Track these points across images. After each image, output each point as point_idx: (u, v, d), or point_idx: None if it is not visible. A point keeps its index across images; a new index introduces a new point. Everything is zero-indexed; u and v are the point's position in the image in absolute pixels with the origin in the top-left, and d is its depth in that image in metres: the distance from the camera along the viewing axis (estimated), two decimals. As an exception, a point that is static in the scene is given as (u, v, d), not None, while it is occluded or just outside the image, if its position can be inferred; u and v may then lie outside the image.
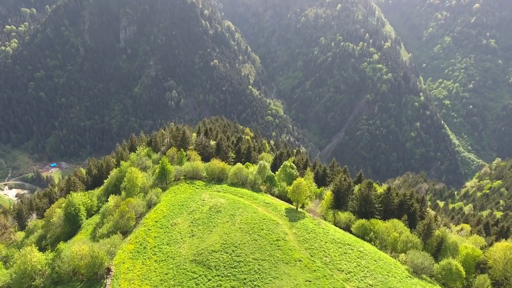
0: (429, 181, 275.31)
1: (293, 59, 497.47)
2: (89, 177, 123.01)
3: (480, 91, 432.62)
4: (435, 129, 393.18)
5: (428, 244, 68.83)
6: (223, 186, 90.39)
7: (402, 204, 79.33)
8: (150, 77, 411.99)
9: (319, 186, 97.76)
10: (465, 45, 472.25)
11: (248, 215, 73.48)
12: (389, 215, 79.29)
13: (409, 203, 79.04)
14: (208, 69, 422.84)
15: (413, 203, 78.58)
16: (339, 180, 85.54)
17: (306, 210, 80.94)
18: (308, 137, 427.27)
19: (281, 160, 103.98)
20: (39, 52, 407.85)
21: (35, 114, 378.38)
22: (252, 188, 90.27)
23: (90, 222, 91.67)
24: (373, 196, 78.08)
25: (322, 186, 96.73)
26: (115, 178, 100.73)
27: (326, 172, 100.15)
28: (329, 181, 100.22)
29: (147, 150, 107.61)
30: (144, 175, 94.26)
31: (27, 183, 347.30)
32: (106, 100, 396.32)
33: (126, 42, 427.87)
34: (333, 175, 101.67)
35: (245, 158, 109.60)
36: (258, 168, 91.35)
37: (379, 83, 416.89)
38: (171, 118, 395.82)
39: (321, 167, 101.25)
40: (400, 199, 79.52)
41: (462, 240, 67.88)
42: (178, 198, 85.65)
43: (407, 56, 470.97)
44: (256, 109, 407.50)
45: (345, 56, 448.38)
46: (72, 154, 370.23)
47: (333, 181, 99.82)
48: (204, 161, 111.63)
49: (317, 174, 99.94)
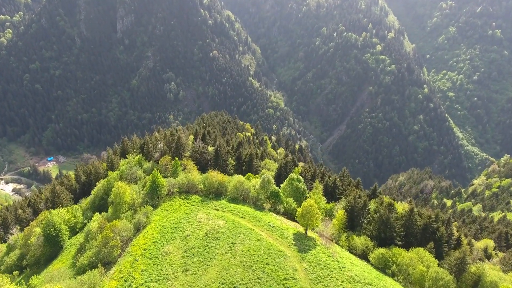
0: (434, 177, 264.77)
1: (294, 50, 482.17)
2: (77, 184, 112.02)
3: (485, 83, 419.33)
4: (438, 122, 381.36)
5: (461, 281, 58.34)
6: (222, 203, 79.38)
7: (427, 228, 68.48)
8: (148, 68, 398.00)
9: (329, 200, 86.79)
10: (470, 35, 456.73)
11: (250, 243, 62.64)
12: (410, 239, 68.61)
13: (434, 227, 68.18)
14: (207, 60, 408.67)
15: (439, 227, 67.70)
16: (353, 198, 74.50)
17: (316, 233, 70.20)
18: (309, 130, 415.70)
19: (286, 169, 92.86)
20: (34, 43, 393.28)
21: (31, 107, 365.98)
22: (255, 205, 79.28)
23: (73, 242, 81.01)
24: (394, 219, 67.20)
25: (332, 201, 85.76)
26: (102, 190, 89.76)
27: (336, 184, 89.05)
28: (339, 193, 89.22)
29: (138, 158, 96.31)
30: (134, 188, 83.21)
31: (23, 178, 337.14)
32: (104, 92, 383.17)
33: (123, 33, 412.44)
34: (343, 187, 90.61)
35: (246, 166, 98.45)
36: (261, 182, 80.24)
37: (382, 75, 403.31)
38: (170, 111, 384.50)
39: (331, 179, 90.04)
40: (424, 222, 68.63)
41: (502, 279, 57.50)
42: (170, 218, 74.75)
43: (410, 46, 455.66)
44: (256, 101, 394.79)
45: (347, 47, 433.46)
46: (70, 148, 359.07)
47: (343, 194, 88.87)
48: (201, 169, 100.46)
49: (326, 186, 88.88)
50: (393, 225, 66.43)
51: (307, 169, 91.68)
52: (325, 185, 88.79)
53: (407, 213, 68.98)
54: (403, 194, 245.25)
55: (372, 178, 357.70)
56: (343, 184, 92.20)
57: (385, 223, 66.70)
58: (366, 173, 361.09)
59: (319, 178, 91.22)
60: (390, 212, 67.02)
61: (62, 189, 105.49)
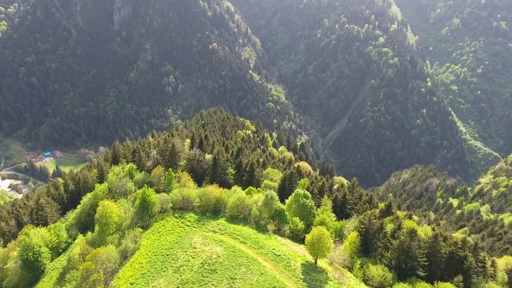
0: (438, 174, 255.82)
1: (295, 42, 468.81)
2: (65, 193, 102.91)
3: (489, 76, 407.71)
4: (442, 116, 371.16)
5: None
6: (220, 223, 70.39)
7: (452, 256, 59.58)
8: (146, 61, 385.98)
9: (338, 217, 77.92)
10: (474, 27, 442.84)
11: (253, 279, 53.79)
12: (434, 268, 59.85)
13: (461, 255, 59.29)
14: (206, 52, 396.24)
15: (466, 256, 58.79)
16: (367, 219, 65.45)
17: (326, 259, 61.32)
18: (310, 124, 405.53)
19: (291, 181, 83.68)
20: (29, 35, 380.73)
21: (27, 101, 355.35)
22: (257, 225, 70.33)
23: (56, 266, 72.24)
24: (416, 247, 58.27)
25: (342, 219, 76.85)
26: (88, 205, 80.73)
27: (346, 197, 79.96)
28: (349, 208, 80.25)
29: (129, 168, 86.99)
30: (123, 205, 74.17)
31: (20, 173, 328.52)
32: (101, 86, 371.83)
33: (120, 25, 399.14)
34: (354, 201, 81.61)
35: (247, 176, 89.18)
36: (264, 200, 71.12)
37: (384, 68, 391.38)
38: (169, 105, 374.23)
39: (340, 192, 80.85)
40: (450, 250, 59.70)
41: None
42: (162, 242, 65.76)
43: (413, 39, 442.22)
44: (256, 95, 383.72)
45: (349, 39, 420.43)
46: (67, 143, 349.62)
47: (354, 209, 79.91)
48: (198, 179, 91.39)
49: (335, 200, 79.83)
50: (416, 254, 57.52)
51: (314, 182, 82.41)
52: (334, 199, 79.70)
53: (431, 240, 59.97)
54: (407, 192, 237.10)
55: (373, 173, 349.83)
56: (354, 198, 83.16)
57: (406, 252, 57.78)
58: (368, 168, 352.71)
59: (327, 191, 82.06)
60: (412, 240, 58.02)
61: (48, 199, 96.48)
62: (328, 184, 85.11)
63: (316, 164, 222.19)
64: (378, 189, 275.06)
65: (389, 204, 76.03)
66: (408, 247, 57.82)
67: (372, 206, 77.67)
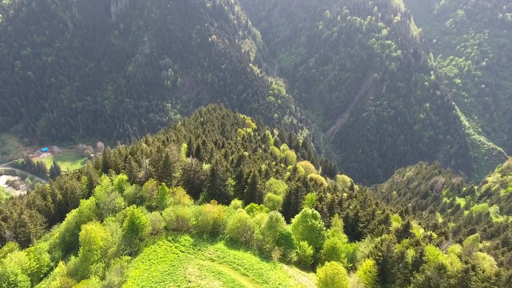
0: (443, 171, 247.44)
1: (296, 34, 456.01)
2: (52, 204, 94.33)
3: (494, 69, 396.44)
4: (445, 110, 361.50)
5: None
6: (219, 248, 61.88)
7: (486, 293, 51.24)
8: (144, 54, 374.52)
9: (350, 237, 69.45)
10: (479, 19, 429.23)
11: (256, 326, 45.46)
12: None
13: (495, 291, 50.95)
14: (206, 45, 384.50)
15: (502, 293, 50.47)
16: (386, 247, 56.93)
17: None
18: (311, 118, 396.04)
19: (297, 196, 74.98)
20: (25, 28, 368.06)
21: (23, 95, 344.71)
22: (260, 250, 61.90)
23: (35, 295, 64.08)
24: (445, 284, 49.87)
25: (354, 240, 68.42)
26: (73, 223, 72.20)
27: (358, 215, 71.39)
28: (361, 227, 71.77)
29: (119, 181, 78.24)
30: (110, 224, 65.57)
31: (17, 169, 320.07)
32: (98, 79, 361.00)
33: (117, 16, 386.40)
34: (366, 217, 73.10)
35: (248, 189, 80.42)
36: (268, 222, 62.52)
37: (387, 61, 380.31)
38: (168, 99, 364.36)
39: (352, 210, 72.22)
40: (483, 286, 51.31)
41: None
42: (153, 272, 57.27)
43: (417, 31, 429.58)
44: (257, 88, 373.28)
45: (351, 31, 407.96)
46: (64, 138, 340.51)
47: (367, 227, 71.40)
48: (194, 192, 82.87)
49: (346, 219, 71.26)
50: (445, 293, 49.12)
51: (323, 197, 73.64)
52: (345, 217, 71.10)
53: (461, 274, 51.51)
54: (411, 190, 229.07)
55: (375, 169, 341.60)
56: (366, 213, 74.58)
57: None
58: (370, 163, 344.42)
59: (337, 206, 73.36)
60: (440, 277, 49.54)
61: (33, 212, 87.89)
62: (338, 199, 76.35)
63: (318, 162, 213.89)
64: (381, 186, 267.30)
65: (406, 224, 67.41)
66: (436, 285, 49.39)
67: (387, 225, 69.06)
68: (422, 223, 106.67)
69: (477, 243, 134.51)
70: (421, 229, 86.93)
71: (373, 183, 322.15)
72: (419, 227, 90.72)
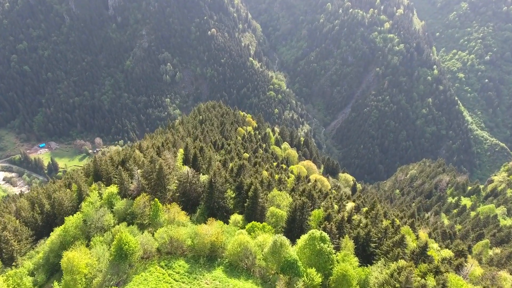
0: (448, 169, 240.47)
1: (297, 28, 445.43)
2: (40, 215, 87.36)
3: (497, 64, 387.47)
4: (448, 106, 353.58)
5: None
6: (217, 276, 55.11)
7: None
8: (143, 48, 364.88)
9: (361, 259, 62.57)
10: (483, 12, 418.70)
11: None
12: None
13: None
14: (205, 39, 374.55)
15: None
16: (404, 278, 50.12)
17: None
18: (312, 113, 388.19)
19: (303, 212, 67.94)
20: (20, 21, 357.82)
21: (19, 90, 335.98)
22: (263, 279, 55.26)
23: (14, 325, 57.48)
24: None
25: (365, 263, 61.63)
26: (57, 244, 65.32)
27: (370, 234, 64.47)
28: (374, 247, 64.91)
29: (108, 195, 71.12)
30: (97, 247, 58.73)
31: (14, 166, 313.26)
32: (96, 74, 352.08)
33: (115, 9, 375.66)
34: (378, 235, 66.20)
35: (249, 202, 73.34)
36: (272, 247, 55.63)
37: (390, 55, 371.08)
38: (167, 94, 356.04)
39: (363, 228, 65.26)
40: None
41: None
42: (143, 307, 50.63)
43: (420, 24, 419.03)
44: (257, 83, 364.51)
45: (353, 24, 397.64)
46: (62, 134, 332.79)
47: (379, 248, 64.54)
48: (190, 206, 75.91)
49: (356, 238, 64.37)
50: None
51: (331, 215, 66.57)
52: (356, 238, 64.20)
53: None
54: (415, 189, 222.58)
55: (377, 165, 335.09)
56: (378, 230, 67.67)
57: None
58: (371, 159, 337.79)
59: (347, 226, 66.36)
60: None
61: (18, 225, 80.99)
62: (347, 214, 69.36)
63: (320, 160, 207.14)
64: (384, 184, 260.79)
65: (424, 246, 60.54)
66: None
67: (403, 246, 62.18)
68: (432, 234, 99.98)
69: (487, 249, 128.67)
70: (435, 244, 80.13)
71: (374, 179, 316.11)
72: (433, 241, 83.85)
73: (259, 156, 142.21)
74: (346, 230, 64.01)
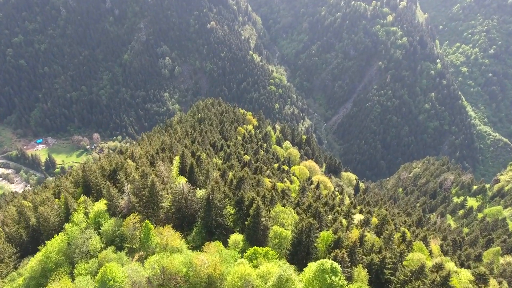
0: (452, 168, 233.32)
1: (298, 20, 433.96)
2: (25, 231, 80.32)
3: (502, 57, 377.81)
4: (451, 100, 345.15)
5: None
6: (215, 314, 48.32)
7: None
8: (141, 42, 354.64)
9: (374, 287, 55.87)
10: (487, 4, 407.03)
11: None
12: None
13: None
14: (204, 32, 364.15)
15: None
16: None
17: None
18: (313, 108, 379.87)
19: (309, 234, 60.89)
20: (16, 14, 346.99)
21: (16, 85, 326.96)
22: (266, 318, 48.29)
23: None
24: None
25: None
26: (38, 271, 58.39)
27: (385, 261, 57.51)
28: (388, 274, 58.02)
29: (95, 215, 64.02)
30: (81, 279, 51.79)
31: (11, 162, 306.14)
32: (93, 68, 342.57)
33: (112, 2, 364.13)
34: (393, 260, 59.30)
35: (251, 221, 66.27)
36: (277, 283, 48.65)
37: (392, 49, 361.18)
38: (165, 88, 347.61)
39: (378, 254, 58.23)
40: None
41: None
42: None
43: (423, 17, 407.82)
44: (257, 77, 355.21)
45: (355, 17, 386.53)
46: (59, 129, 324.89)
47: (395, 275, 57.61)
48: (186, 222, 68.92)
49: (370, 266, 57.42)
50: None
51: (341, 238, 59.42)
52: (369, 265, 57.21)
53: None
54: (419, 188, 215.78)
55: (379, 160, 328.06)
56: (393, 255, 60.68)
57: None
58: (373, 154, 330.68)
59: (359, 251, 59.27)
60: None
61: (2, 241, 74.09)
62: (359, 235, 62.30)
63: (322, 158, 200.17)
64: (387, 182, 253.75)
65: (446, 276, 53.55)
66: None
67: (423, 276, 55.26)
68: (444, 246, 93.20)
69: (498, 257, 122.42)
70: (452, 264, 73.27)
71: (376, 175, 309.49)
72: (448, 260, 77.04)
73: (260, 159, 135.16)
74: (358, 257, 56.97)
